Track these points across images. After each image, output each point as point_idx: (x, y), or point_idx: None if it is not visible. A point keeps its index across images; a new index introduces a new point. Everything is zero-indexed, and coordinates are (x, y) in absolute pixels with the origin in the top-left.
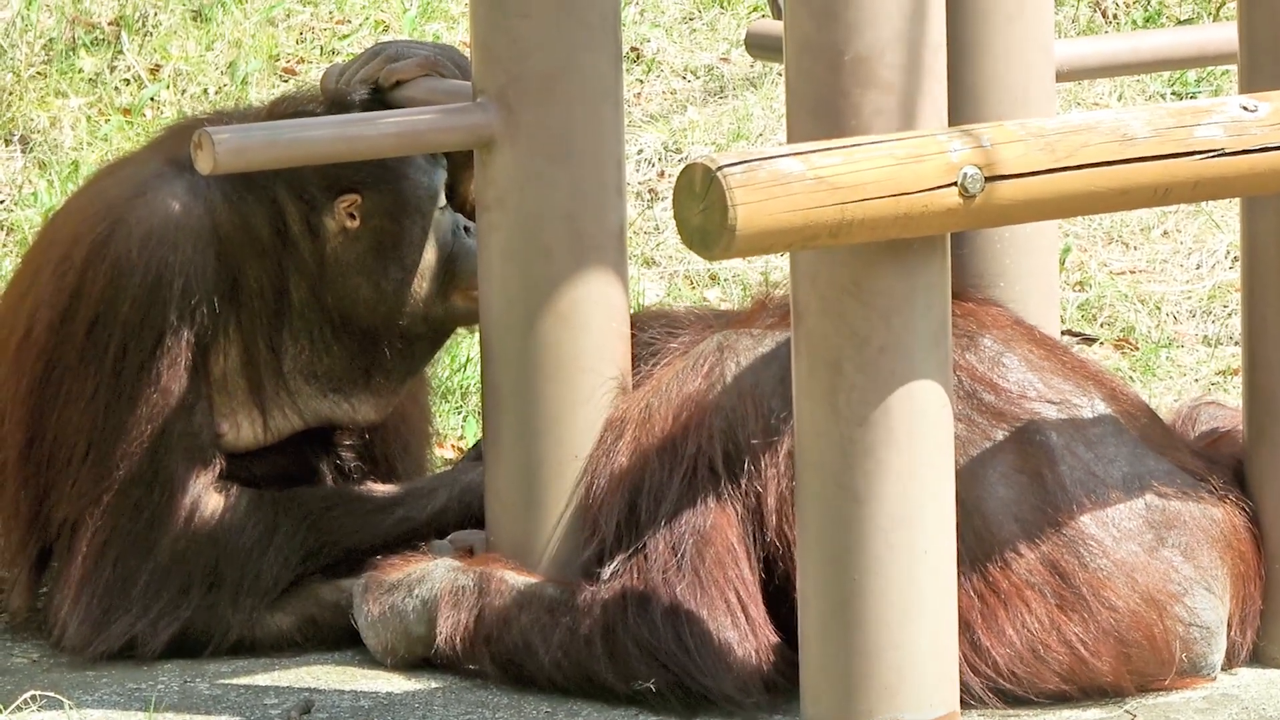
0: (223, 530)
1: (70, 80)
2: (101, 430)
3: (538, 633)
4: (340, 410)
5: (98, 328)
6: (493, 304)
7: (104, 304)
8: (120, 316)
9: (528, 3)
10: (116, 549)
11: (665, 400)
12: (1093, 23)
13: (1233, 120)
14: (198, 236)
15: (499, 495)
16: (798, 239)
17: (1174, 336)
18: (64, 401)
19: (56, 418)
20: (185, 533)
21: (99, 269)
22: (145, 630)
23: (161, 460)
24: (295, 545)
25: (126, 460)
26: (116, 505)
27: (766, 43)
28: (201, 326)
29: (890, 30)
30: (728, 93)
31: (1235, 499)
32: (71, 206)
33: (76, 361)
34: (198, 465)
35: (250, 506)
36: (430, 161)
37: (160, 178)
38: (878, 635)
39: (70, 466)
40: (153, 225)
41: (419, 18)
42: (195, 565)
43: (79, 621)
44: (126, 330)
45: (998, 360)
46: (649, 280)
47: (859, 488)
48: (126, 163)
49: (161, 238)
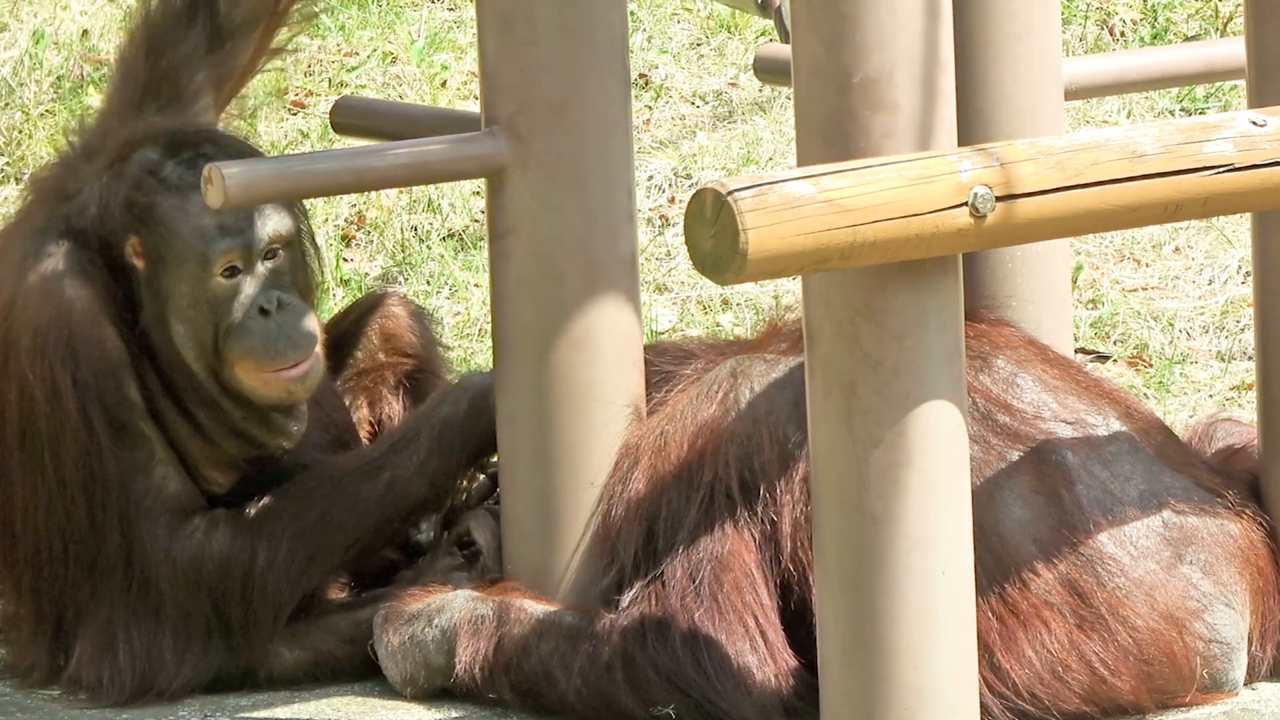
0: (211, 574)
1: (79, 117)
2: (67, 527)
3: (557, 661)
4: (262, 446)
5: (28, 438)
6: (507, 332)
7: (22, 416)
8: (39, 426)
9: (536, 31)
10: (122, 626)
11: (680, 427)
12: (1100, 40)
13: (1242, 135)
14: (90, 320)
15: (516, 523)
16: (809, 262)
17: (1187, 353)
18: (24, 510)
19: (21, 524)
20: (180, 587)
21: (9, 382)
22: (165, 687)
23: (133, 533)
24: (283, 565)
25: (102, 545)
26: (109, 586)
27: (775, 67)
28: (114, 400)
29: (898, 52)
30: (737, 117)
31: (1252, 514)
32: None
33: (20, 473)
34: (169, 521)
35: (229, 539)
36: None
37: (43, 262)
38: (897, 657)
39: (54, 565)
40: (42, 325)
41: (426, 48)
42: (197, 616)
43: (102, 698)
44: (50, 436)
45: (1012, 381)
46: (661, 306)
47: (876, 510)
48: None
49: (59, 336)
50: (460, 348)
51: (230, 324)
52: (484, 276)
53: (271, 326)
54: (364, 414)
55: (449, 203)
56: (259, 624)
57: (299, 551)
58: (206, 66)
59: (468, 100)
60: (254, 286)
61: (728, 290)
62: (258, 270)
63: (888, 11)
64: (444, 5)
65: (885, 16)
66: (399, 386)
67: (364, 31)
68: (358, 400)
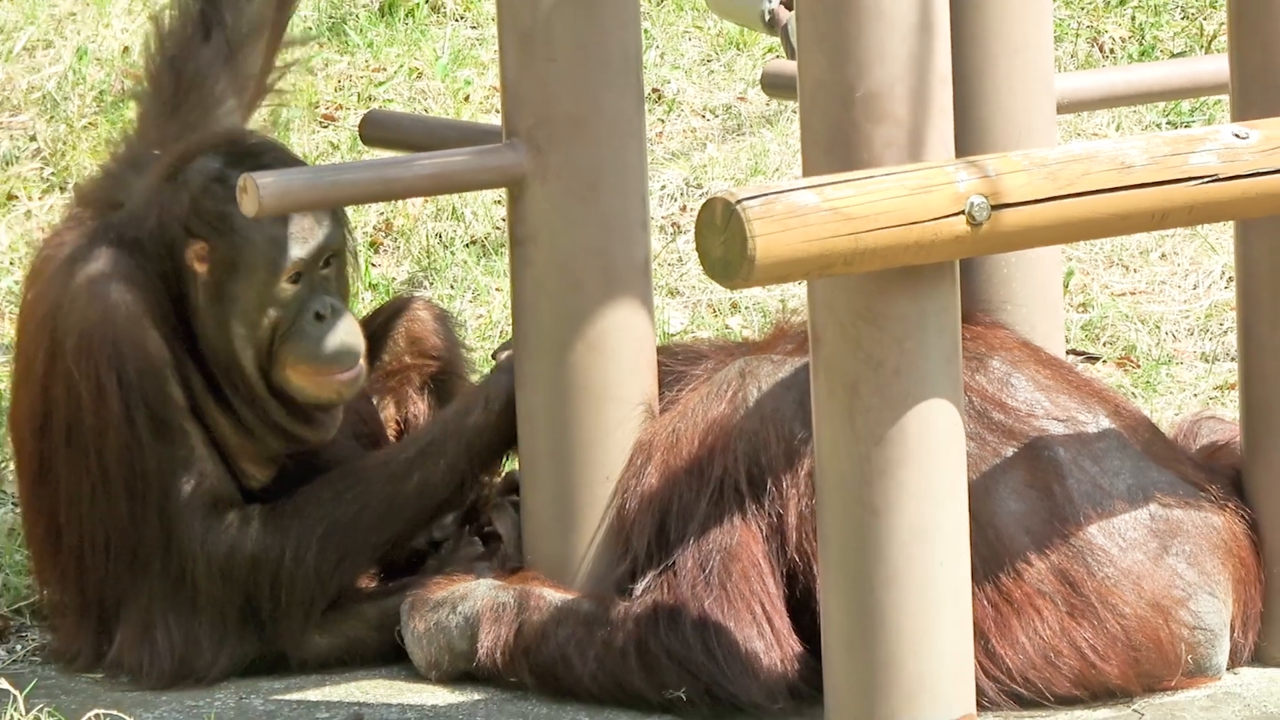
0: (242, 569)
1: (121, 130)
2: (109, 521)
3: (574, 646)
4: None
5: (74, 435)
6: (527, 334)
7: (68, 414)
8: (84, 424)
9: (554, 48)
10: (160, 614)
11: (691, 425)
12: (1091, 57)
13: (1225, 148)
14: (134, 323)
15: (535, 516)
16: (814, 267)
17: (1173, 354)
18: (69, 503)
19: (66, 517)
20: (214, 580)
21: (56, 381)
22: (203, 674)
23: (171, 526)
24: (313, 564)
25: (142, 537)
26: (149, 576)
27: (781, 82)
28: (156, 399)
29: (899, 67)
30: (745, 130)
31: (1235, 507)
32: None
33: (66, 469)
34: (205, 516)
35: (261, 537)
36: (287, 238)
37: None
38: (898, 643)
39: (97, 556)
40: (88, 328)
41: (451, 64)
42: (231, 607)
43: (142, 682)
44: (95, 433)
45: (1006, 380)
46: (674, 309)
47: (877, 503)
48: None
49: (104, 338)
50: (483, 349)
51: (287, 327)
52: (505, 281)
53: (326, 331)
54: (390, 413)
55: (471, 211)
56: (289, 618)
57: (329, 552)
58: (226, 73)
59: (489, 114)
60: (311, 292)
61: (737, 294)
62: (315, 277)
63: (888, 29)
64: (468, 23)
65: (886, 34)
66: (424, 387)
67: (391, 48)
68: (385, 400)
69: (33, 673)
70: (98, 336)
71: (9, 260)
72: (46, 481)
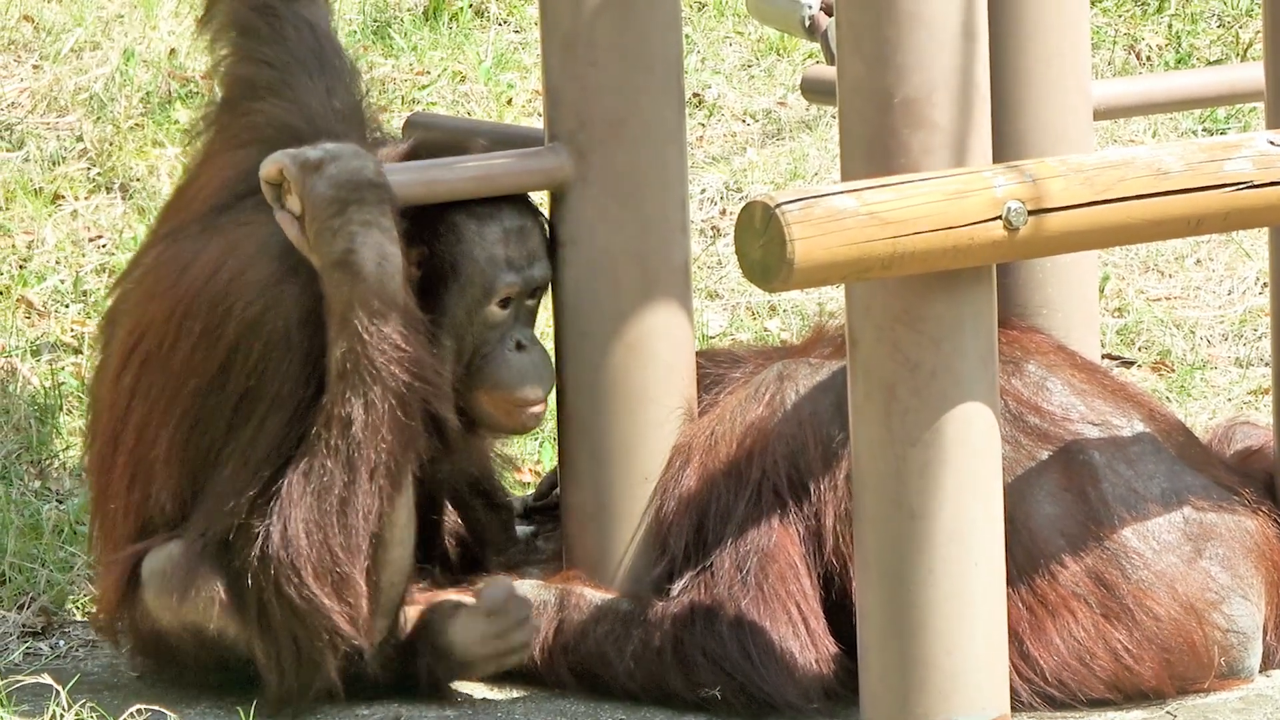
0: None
1: (166, 131)
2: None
3: (612, 644)
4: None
5: (245, 401)
6: (567, 336)
7: (255, 379)
8: (269, 392)
9: (596, 52)
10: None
11: (730, 427)
12: (1128, 64)
13: (1261, 154)
14: (299, 312)
15: (575, 516)
16: (852, 271)
17: (1208, 359)
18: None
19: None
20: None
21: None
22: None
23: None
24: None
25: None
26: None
27: (821, 87)
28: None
29: (938, 73)
30: (785, 135)
31: (1268, 511)
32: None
33: (225, 431)
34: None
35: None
36: (505, 261)
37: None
38: (933, 643)
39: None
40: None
41: (494, 68)
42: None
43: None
44: (273, 403)
45: (1042, 385)
46: (712, 312)
47: (914, 505)
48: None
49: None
50: None
51: (488, 351)
52: None
53: (526, 363)
54: None
55: None
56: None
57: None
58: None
59: (532, 117)
60: (515, 320)
61: (775, 297)
62: (523, 306)
63: (927, 35)
64: (510, 28)
65: (925, 40)
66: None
67: (435, 52)
68: None
69: (75, 668)
70: (268, 327)
71: (56, 260)
72: (199, 448)
